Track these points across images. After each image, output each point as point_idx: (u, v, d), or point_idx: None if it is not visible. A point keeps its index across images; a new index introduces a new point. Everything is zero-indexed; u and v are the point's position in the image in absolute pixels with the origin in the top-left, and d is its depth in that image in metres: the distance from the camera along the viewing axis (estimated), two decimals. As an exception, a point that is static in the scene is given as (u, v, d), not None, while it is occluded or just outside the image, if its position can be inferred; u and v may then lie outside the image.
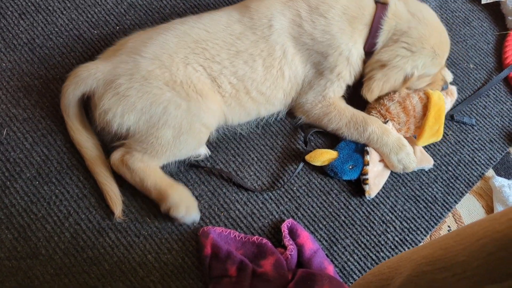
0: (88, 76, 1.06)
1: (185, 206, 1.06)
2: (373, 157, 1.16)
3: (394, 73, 1.12)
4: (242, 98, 1.13)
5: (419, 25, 1.12)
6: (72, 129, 1.10)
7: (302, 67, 1.15)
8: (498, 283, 0.48)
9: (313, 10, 1.12)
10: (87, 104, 1.12)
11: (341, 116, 1.17)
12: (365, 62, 1.16)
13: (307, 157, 1.16)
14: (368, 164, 1.15)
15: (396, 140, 1.16)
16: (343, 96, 1.22)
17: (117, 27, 1.31)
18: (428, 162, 1.23)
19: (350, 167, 1.15)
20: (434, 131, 1.19)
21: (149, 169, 1.07)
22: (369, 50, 1.14)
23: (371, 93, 1.15)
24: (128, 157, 1.06)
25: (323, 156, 1.15)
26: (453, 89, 1.30)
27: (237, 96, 1.13)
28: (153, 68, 1.05)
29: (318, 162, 1.16)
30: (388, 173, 1.20)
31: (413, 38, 1.11)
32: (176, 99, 1.05)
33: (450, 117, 1.28)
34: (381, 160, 1.19)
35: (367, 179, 1.15)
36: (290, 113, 1.24)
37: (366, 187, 1.15)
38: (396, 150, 1.16)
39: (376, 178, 1.17)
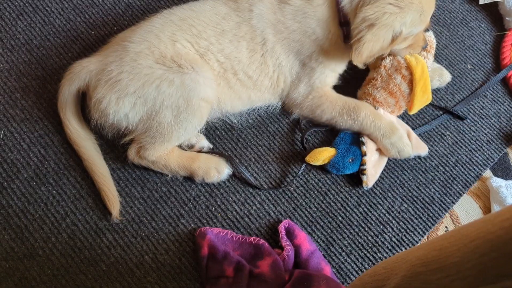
0: (81, 70, 1.07)
1: (214, 169, 1.12)
2: (369, 147, 1.17)
3: (383, 32, 1.04)
4: (230, 79, 1.14)
5: None
6: (69, 128, 1.10)
7: (285, 57, 1.14)
8: (492, 284, 0.48)
9: None
10: (83, 105, 1.13)
11: (334, 106, 1.17)
12: (346, 37, 1.10)
13: (307, 158, 1.16)
14: (365, 155, 1.16)
15: (388, 124, 1.17)
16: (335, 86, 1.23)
17: (115, 28, 1.31)
18: (423, 149, 1.23)
19: (350, 160, 1.16)
20: (424, 100, 1.22)
21: (166, 154, 1.10)
22: (344, 20, 1.08)
23: (360, 56, 1.06)
24: (143, 151, 1.08)
25: (322, 155, 1.15)
26: (430, 38, 1.27)
27: (225, 75, 1.13)
28: (142, 49, 1.06)
29: (318, 162, 1.16)
30: (384, 162, 1.21)
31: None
32: (168, 75, 1.04)
33: (444, 110, 1.27)
34: (377, 149, 1.20)
35: (365, 169, 1.16)
36: (287, 113, 1.24)
37: (364, 177, 1.16)
38: (388, 134, 1.16)
39: (374, 168, 1.18)
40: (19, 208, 1.07)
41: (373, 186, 1.20)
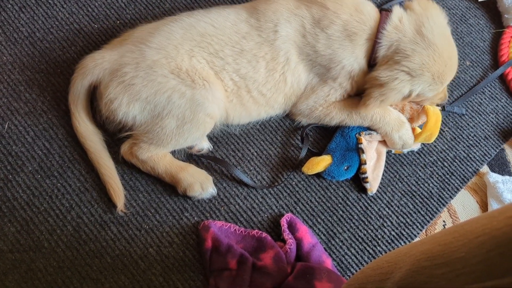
0: (95, 66, 1.07)
1: (199, 184, 1.10)
2: (368, 155, 1.18)
3: (392, 94, 1.10)
4: (243, 96, 1.14)
5: (424, 50, 1.08)
6: (78, 121, 1.10)
7: (306, 75, 1.15)
8: (499, 278, 0.50)
9: (316, 23, 1.11)
10: (91, 96, 1.13)
11: (342, 111, 1.18)
12: (367, 73, 1.15)
13: (305, 169, 1.16)
14: (365, 163, 1.17)
15: (396, 118, 1.19)
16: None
17: (118, 21, 1.32)
18: (416, 144, 1.26)
19: (346, 168, 1.17)
20: (425, 140, 1.23)
21: (157, 157, 1.10)
22: (373, 63, 1.13)
23: (365, 107, 1.14)
24: (136, 148, 1.09)
25: (319, 166, 1.16)
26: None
27: (238, 93, 1.14)
28: (159, 58, 1.06)
29: (315, 172, 1.17)
30: (383, 161, 1.22)
31: (415, 64, 1.08)
32: (180, 87, 1.05)
33: (441, 108, 1.29)
34: (374, 150, 1.21)
35: (367, 177, 1.17)
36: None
37: (368, 185, 1.18)
38: (397, 127, 1.18)
39: (374, 172, 1.20)
40: (24, 200, 1.08)
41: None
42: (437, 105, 1.25)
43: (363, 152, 1.18)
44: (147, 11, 1.35)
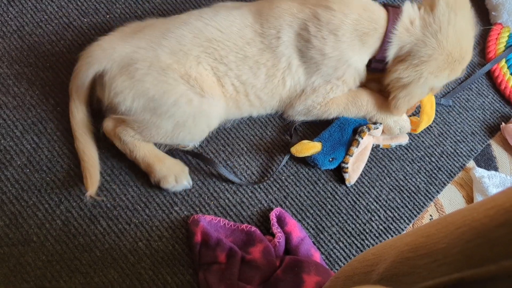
0: (104, 56, 1.05)
1: (173, 176, 1.09)
2: (359, 150, 1.20)
3: (418, 92, 1.13)
4: (240, 100, 1.15)
5: (440, 56, 1.09)
6: (77, 109, 1.09)
7: (306, 78, 1.15)
8: (477, 268, 0.51)
9: (323, 26, 1.09)
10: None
11: (339, 105, 1.19)
12: (368, 66, 1.16)
13: (293, 150, 1.17)
14: (352, 155, 1.19)
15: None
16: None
17: (107, 16, 1.31)
18: (404, 138, 1.29)
19: (331, 159, 1.18)
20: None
21: (139, 143, 1.10)
22: (379, 59, 1.13)
23: (397, 110, 1.18)
24: (120, 129, 1.08)
25: (308, 150, 1.16)
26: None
27: (236, 98, 1.14)
28: (171, 63, 1.06)
29: (302, 155, 1.18)
30: (366, 156, 1.23)
31: (432, 68, 1.10)
32: (189, 93, 1.06)
33: None
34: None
35: (347, 167, 1.19)
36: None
37: (346, 175, 1.20)
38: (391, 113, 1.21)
39: (355, 163, 1.21)
40: (13, 194, 1.08)
41: (362, 175, 1.24)
42: None
43: (357, 145, 1.19)
44: (137, 6, 1.34)
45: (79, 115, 1.10)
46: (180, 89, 1.05)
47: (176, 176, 1.10)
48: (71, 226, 1.07)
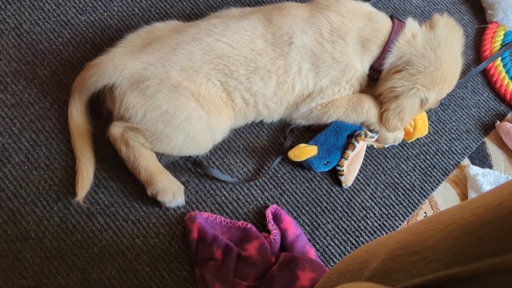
0: (114, 73, 1.06)
1: (172, 191, 1.09)
2: (353, 153, 1.21)
3: (409, 103, 1.15)
4: (249, 110, 1.17)
5: (436, 70, 1.14)
6: (76, 108, 1.11)
7: (316, 81, 1.16)
8: (464, 265, 0.53)
9: (334, 31, 1.13)
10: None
11: (339, 108, 1.20)
12: (368, 75, 1.19)
13: (291, 155, 1.18)
14: (347, 159, 1.20)
15: None
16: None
17: (105, 13, 1.32)
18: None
19: (325, 163, 1.19)
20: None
21: (145, 151, 1.10)
22: (376, 67, 1.17)
23: (388, 124, 1.19)
24: (130, 134, 1.07)
25: (306, 155, 1.17)
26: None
27: (245, 110, 1.16)
28: (181, 79, 1.07)
29: (300, 159, 1.19)
30: (361, 157, 1.25)
31: (427, 80, 1.13)
32: (199, 110, 1.08)
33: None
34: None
35: (343, 170, 1.20)
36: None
37: (342, 178, 1.21)
38: None
39: (350, 165, 1.22)
40: (11, 191, 1.09)
41: (357, 173, 1.25)
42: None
43: (353, 149, 1.20)
44: (134, 4, 1.35)
45: (77, 114, 1.11)
46: (191, 106, 1.07)
47: (174, 193, 1.10)
48: (69, 223, 1.08)
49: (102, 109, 1.14)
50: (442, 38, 1.15)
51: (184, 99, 1.07)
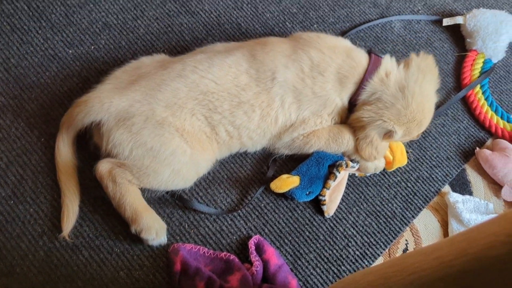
0: (101, 110, 1.09)
1: (155, 230, 1.11)
2: (335, 184, 1.24)
3: (374, 133, 1.19)
4: (233, 143, 1.20)
5: (403, 109, 1.17)
6: (64, 142, 1.14)
7: (298, 114, 1.20)
8: None
9: (314, 67, 1.17)
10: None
11: (320, 138, 1.23)
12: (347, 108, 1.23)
13: (273, 186, 1.20)
14: (329, 188, 1.22)
15: None
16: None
17: (92, 47, 1.35)
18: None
19: (308, 193, 1.22)
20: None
21: (132, 187, 1.12)
22: (353, 102, 1.21)
23: (362, 152, 1.22)
24: (118, 171, 1.10)
25: (288, 186, 1.20)
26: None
27: (229, 142, 1.19)
28: (166, 116, 1.10)
29: (282, 191, 1.21)
30: (343, 186, 1.27)
31: (393, 116, 1.17)
32: (183, 145, 1.11)
33: None
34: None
35: (325, 199, 1.22)
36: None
37: (324, 208, 1.23)
38: None
39: (332, 195, 1.25)
40: (-3, 226, 1.11)
41: (339, 202, 1.27)
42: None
43: (334, 179, 1.22)
44: (121, 37, 1.38)
45: (64, 149, 1.14)
46: (176, 141, 1.10)
47: (157, 231, 1.11)
48: (54, 257, 1.10)
49: (88, 144, 1.16)
50: (412, 79, 1.18)
51: (169, 135, 1.10)
